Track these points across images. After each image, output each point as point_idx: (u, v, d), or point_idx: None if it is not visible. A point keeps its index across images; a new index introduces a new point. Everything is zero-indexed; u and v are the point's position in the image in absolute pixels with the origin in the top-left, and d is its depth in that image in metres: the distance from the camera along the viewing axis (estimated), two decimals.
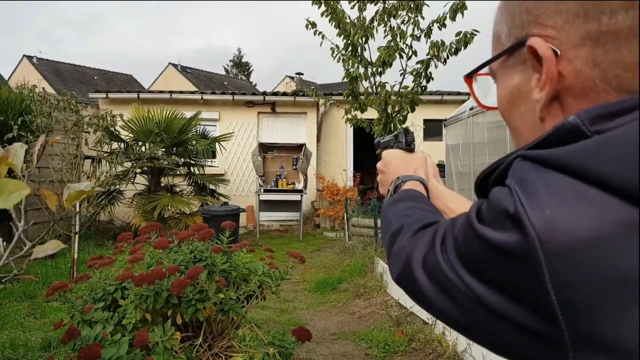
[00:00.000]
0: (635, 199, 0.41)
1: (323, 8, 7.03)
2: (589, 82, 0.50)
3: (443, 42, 6.62)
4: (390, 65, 7.09)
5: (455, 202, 0.97)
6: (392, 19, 6.90)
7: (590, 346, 0.41)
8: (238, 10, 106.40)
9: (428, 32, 6.83)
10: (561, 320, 0.42)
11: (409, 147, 1.08)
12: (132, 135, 9.10)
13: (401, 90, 7.01)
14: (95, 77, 30.32)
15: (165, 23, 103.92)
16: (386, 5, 6.89)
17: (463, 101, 9.98)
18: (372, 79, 7.50)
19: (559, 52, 0.51)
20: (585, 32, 0.49)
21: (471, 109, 7.36)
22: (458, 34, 6.54)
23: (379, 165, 1.08)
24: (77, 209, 5.75)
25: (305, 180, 10.69)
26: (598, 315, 0.40)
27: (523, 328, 0.45)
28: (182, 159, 9.59)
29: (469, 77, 0.69)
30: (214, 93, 12.52)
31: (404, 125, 6.82)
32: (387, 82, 7.45)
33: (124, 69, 52.59)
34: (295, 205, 10.62)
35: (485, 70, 0.66)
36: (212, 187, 9.91)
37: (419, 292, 0.58)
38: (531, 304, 0.44)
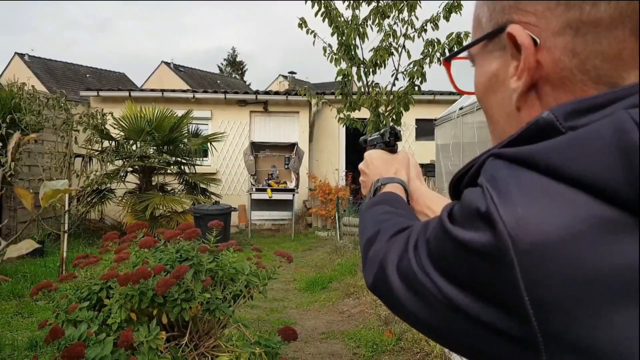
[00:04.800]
0: (606, 196, 0.40)
1: (316, 7, 7.03)
2: (566, 72, 0.49)
3: (439, 41, 6.64)
4: (382, 66, 7.10)
5: (438, 203, 0.95)
6: (385, 19, 6.91)
7: (562, 347, 0.40)
8: (246, 11, 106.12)
9: (421, 32, 6.83)
10: (533, 321, 0.41)
11: (391, 148, 1.06)
12: (123, 134, 9.06)
13: (394, 90, 7.01)
14: (88, 75, 30.13)
15: (173, 25, 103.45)
16: (379, 5, 6.90)
17: (454, 101, 10.01)
18: (364, 79, 7.51)
19: (538, 40, 0.50)
20: (566, 20, 0.49)
21: (461, 108, 7.39)
22: (449, 35, 6.56)
23: (360, 166, 1.07)
24: (67, 208, 5.72)
25: (297, 180, 10.68)
26: (570, 315, 0.39)
27: (495, 329, 0.44)
28: (174, 158, 9.56)
29: (448, 60, 0.68)
30: (205, 92, 12.48)
31: (391, 124, 6.82)
32: (379, 84, 7.47)
33: (126, 70, 52.09)
34: (287, 205, 10.61)
35: (464, 54, 0.65)
36: (203, 186, 9.88)
37: (392, 296, 0.57)
38: (503, 305, 0.43)
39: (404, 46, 7.10)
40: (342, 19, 7.03)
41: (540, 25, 0.50)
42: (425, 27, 6.93)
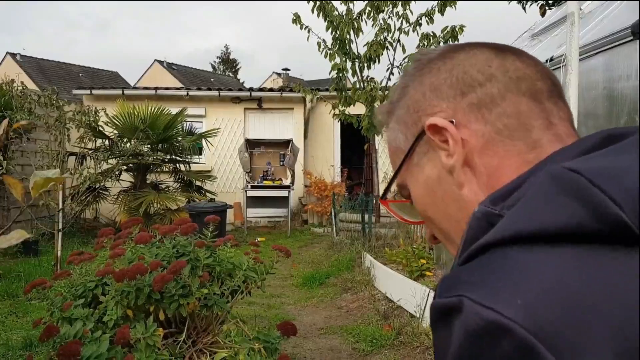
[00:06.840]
0: (580, 237, 0.39)
1: (312, 2, 6.99)
2: (487, 136, 0.55)
3: (434, 35, 6.60)
4: (377, 61, 7.06)
5: None
6: (380, 13, 6.88)
7: None
8: (245, 10, 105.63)
9: (416, 26, 6.80)
10: None
11: None
12: (116, 132, 8.99)
13: (389, 85, 6.98)
14: (80, 74, 29.94)
15: (171, 24, 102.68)
16: None
17: None
18: (359, 74, 7.47)
19: (454, 120, 0.56)
20: (467, 102, 0.56)
21: None
22: (444, 29, 6.53)
23: None
24: (61, 206, 5.66)
25: (293, 176, 10.64)
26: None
27: None
28: (168, 156, 9.50)
29: (383, 199, 0.69)
30: (199, 89, 12.42)
31: None
32: (374, 78, 7.43)
33: (120, 69, 51.50)
34: (282, 202, 10.57)
35: (398, 196, 0.67)
36: (198, 183, 9.82)
37: None
38: None
39: (398, 40, 7.07)
40: (337, 13, 6.98)
41: (450, 114, 0.57)
42: (420, 21, 6.90)
